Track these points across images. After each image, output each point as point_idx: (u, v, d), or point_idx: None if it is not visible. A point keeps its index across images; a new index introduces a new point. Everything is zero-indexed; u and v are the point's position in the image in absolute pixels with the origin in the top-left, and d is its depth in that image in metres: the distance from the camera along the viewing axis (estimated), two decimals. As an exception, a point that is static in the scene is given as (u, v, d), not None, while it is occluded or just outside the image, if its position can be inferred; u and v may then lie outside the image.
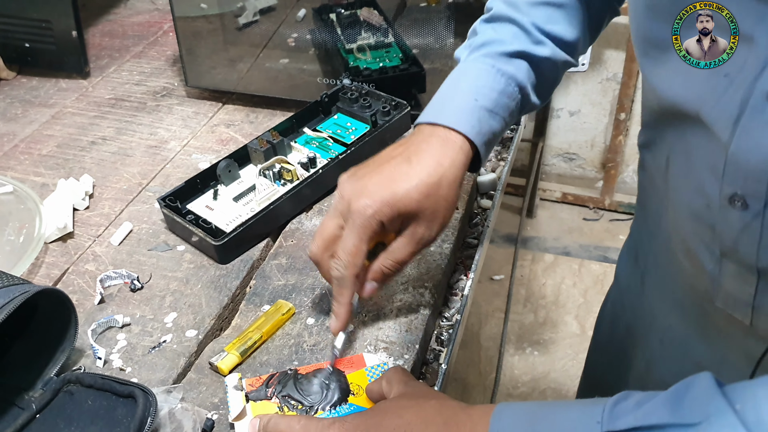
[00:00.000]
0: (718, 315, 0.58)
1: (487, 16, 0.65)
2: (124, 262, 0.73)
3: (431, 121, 0.59)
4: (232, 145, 0.91)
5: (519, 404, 0.46)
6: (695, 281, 0.59)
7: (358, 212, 0.55)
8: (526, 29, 0.62)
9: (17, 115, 1.00)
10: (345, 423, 0.49)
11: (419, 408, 0.49)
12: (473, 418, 0.46)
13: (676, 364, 0.67)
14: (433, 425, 0.47)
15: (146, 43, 1.20)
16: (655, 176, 0.62)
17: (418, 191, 0.55)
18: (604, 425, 0.40)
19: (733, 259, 0.51)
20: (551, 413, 0.44)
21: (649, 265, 0.71)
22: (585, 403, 0.43)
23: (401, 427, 0.47)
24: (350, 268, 0.56)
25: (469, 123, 0.58)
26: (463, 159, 0.58)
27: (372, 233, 0.56)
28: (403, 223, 0.57)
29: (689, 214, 0.55)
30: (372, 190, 0.55)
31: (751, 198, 0.47)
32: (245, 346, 0.62)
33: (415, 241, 0.57)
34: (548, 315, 2.06)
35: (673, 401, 0.40)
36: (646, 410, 0.40)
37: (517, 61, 0.62)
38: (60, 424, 0.56)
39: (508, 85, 0.61)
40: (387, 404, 0.51)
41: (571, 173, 2.46)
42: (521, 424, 0.44)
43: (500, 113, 0.60)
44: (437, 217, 0.57)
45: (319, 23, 0.97)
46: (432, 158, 0.56)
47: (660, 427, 0.38)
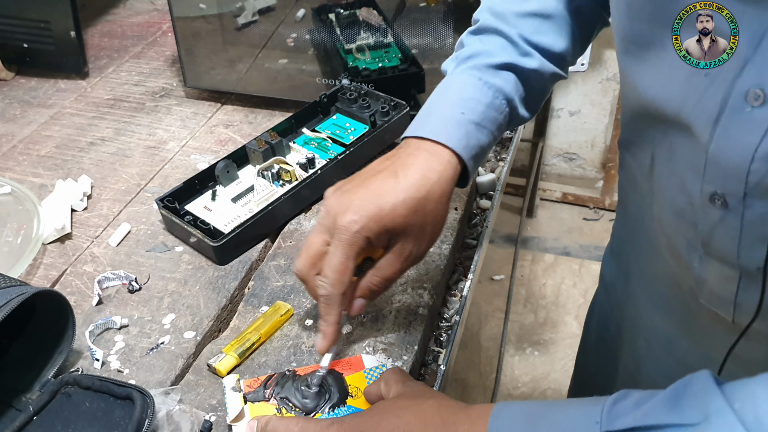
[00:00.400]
0: (701, 313, 0.58)
1: (474, 27, 0.65)
2: (122, 263, 0.73)
3: (418, 134, 0.58)
4: (230, 146, 0.91)
5: (517, 403, 0.46)
6: (680, 279, 0.60)
7: (344, 228, 0.54)
8: (513, 41, 0.61)
9: (16, 116, 1.00)
10: (343, 423, 0.49)
11: (417, 408, 0.49)
12: (471, 418, 0.46)
13: (662, 363, 0.67)
14: (432, 425, 0.47)
15: (145, 43, 1.20)
16: (637, 176, 0.62)
17: (405, 206, 0.54)
18: (603, 425, 0.40)
19: (715, 257, 0.52)
20: (550, 412, 0.44)
21: (632, 265, 0.71)
22: (584, 403, 0.43)
23: (400, 427, 0.47)
24: (337, 286, 0.54)
25: (456, 137, 0.57)
26: (451, 173, 0.57)
27: (359, 249, 0.54)
28: (390, 238, 0.56)
29: (673, 213, 0.55)
30: (358, 205, 0.54)
31: (731, 197, 0.47)
32: (243, 348, 0.61)
33: (403, 258, 0.56)
34: (548, 315, 2.05)
35: (671, 401, 0.39)
36: (645, 410, 0.40)
37: (504, 74, 0.61)
38: (57, 426, 0.55)
39: (496, 98, 0.60)
40: (385, 404, 0.51)
41: (571, 173, 2.46)
42: (519, 424, 0.44)
43: (488, 126, 0.59)
44: (425, 233, 0.56)
45: (318, 23, 0.97)
46: (418, 172, 0.55)
47: (659, 427, 0.38)
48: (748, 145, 0.44)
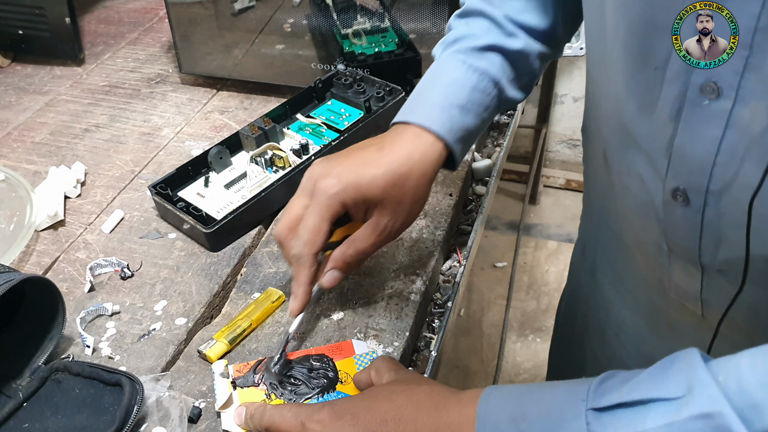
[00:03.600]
0: (670, 308, 0.58)
1: (461, 11, 0.65)
2: (115, 249, 0.73)
3: (404, 120, 0.59)
4: (225, 132, 0.90)
5: (507, 387, 0.46)
6: (647, 274, 0.59)
7: (322, 191, 0.55)
8: (497, 22, 0.61)
9: (11, 103, 1.00)
10: (335, 407, 0.49)
11: (410, 392, 0.49)
12: (462, 401, 0.46)
13: (634, 359, 0.67)
14: (424, 408, 0.47)
15: (141, 29, 1.19)
16: (597, 169, 0.62)
17: (385, 178, 0.55)
18: (589, 402, 0.40)
19: (678, 255, 0.52)
20: (537, 393, 0.44)
21: (598, 259, 0.71)
22: (571, 383, 0.43)
23: (391, 411, 0.47)
24: (308, 245, 0.56)
25: (439, 120, 0.58)
26: (435, 156, 0.58)
27: (334, 213, 0.55)
28: (368, 211, 0.57)
29: (636, 209, 0.55)
30: (338, 171, 0.55)
31: (693, 192, 0.47)
32: (234, 334, 0.61)
33: (378, 230, 0.57)
34: (551, 302, 2.05)
35: (656, 376, 0.39)
36: (631, 386, 0.39)
37: (489, 55, 0.61)
38: (47, 413, 0.55)
39: (481, 81, 0.60)
40: (378, 389, 0.51)
41: (575, 159, 2.44)
42: (507, 406, 0.44)
43: (473, 109, 0.60)
44: (402, 208, 0.57)
45: (314, 8, 0.96)
46: (403, 150, 0.56)
47: (643, 402, 0.38)
48: (712, 139, 0.44)
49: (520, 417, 0.42)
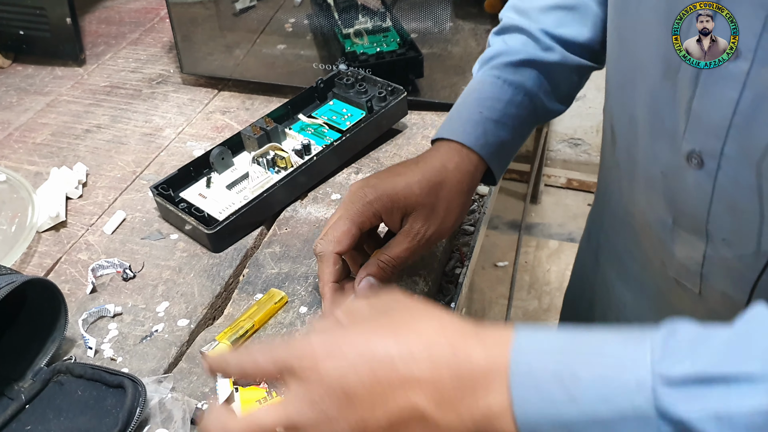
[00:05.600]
0: (669, 289, 0.59)
1: (498, 27, 0.67)
2: (117, 251, 0.73)
3: (440, 136, 0.62)
4: (227, 133, 0.90)
5: (543, 331, 0.37)
6: (650, 254, 0.60)
7: (357, 198, 0.57)
8: (534, 37, 0.63)
9: (12, 104, 1.00)
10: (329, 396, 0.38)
11: (413, 323, 0.39)
12: (487, 344, 0.37)
13: None
14: (437, 347, 0.37)
15: (143, 29, 1.19)
16: (606, 149, 0.63)
17: (420, 186, 0.57)
18: (656, 367, 0.33)
19: (684, 226, 0.53)
20: (585, 346, 0.36)
21: (602, 242, 0.72)
22: (625, 339, 0.36)
23: (402, 356, 0.37)
24: (332, 244, 0.56)
25: (474, 135, 0.60)
26: (470, 168, 0.60)
27: (366, 219, 0.57)
28: (403, 219, 0.58)
29: (642, 184, 0.55)
30: (375, 182, 0.58)
31: (707, 156, 0.48)
32: (237, 335, 0.61)
33: (411, 235, 0.58)
34: (552, 301, 2.05)
35: (738, 344, 0.33)
36: (709, 354, 0.33)
37: (525, 70, 0.63)
38: (49, 415, 0.55)
39: (516, 95, 0.62)
40: (369, 324, 0.40)
41: (576, 159, 2.44)
42: (549, 359, 0.36)
43: (509, 123, 0.62)
44: (436, 215, 0.58)
45: (316, 8, 0.96)
46: (438, 161, 0.59)
47: (728, 379, 0.31)
48: (729, 101, 0.45)
49: (569, 377, 0.34)
